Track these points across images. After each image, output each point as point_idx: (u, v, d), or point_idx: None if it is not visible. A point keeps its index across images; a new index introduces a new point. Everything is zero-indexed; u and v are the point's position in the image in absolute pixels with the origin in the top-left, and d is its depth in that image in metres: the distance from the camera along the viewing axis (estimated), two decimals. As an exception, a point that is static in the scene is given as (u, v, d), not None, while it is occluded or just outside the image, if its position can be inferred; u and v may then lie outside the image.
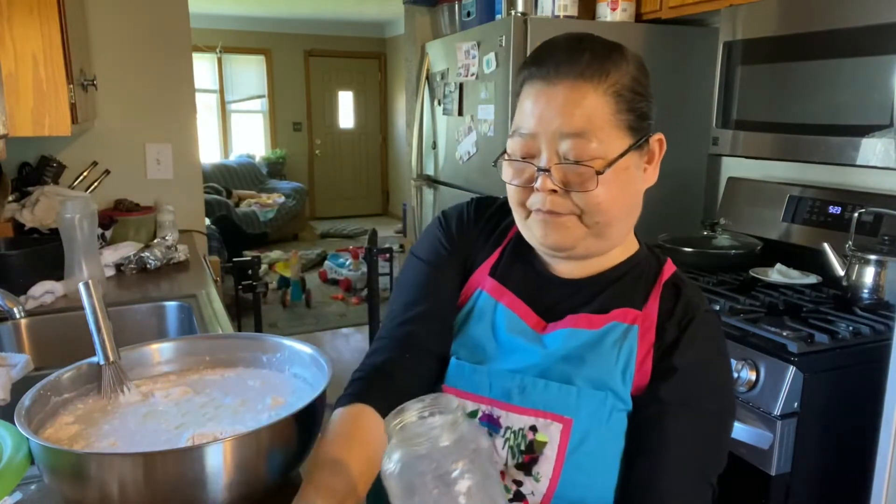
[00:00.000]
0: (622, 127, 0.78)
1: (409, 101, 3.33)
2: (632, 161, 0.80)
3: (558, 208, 0.79)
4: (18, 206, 2.04)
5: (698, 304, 0.84)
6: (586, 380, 0.81)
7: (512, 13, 2.25)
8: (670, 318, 0.82)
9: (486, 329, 0.88)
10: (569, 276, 0.87)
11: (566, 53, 0.78)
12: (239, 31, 7.92)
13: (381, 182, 9.21)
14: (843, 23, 1.58)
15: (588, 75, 0.76)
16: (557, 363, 0.83)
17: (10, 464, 0.75)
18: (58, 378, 0.94)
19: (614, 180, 0.77)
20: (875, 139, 1.52)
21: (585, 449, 0.80)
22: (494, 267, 0.91)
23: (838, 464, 1.50)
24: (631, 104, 0.78)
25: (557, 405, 0.81)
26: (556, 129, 0.76)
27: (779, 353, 1.44)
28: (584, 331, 0.83)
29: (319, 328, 4.64)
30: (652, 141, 0.83)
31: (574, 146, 0.76)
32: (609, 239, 0.83)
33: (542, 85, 0.78)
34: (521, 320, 0.87)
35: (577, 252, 0.83)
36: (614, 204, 0.79)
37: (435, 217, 0.99)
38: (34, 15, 1.51)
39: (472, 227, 0.95)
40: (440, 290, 0.92)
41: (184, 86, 2.59)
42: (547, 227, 0.80)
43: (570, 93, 0.76)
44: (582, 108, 0.75)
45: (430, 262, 0.94)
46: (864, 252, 1.67)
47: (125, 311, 1.70)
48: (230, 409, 0.94)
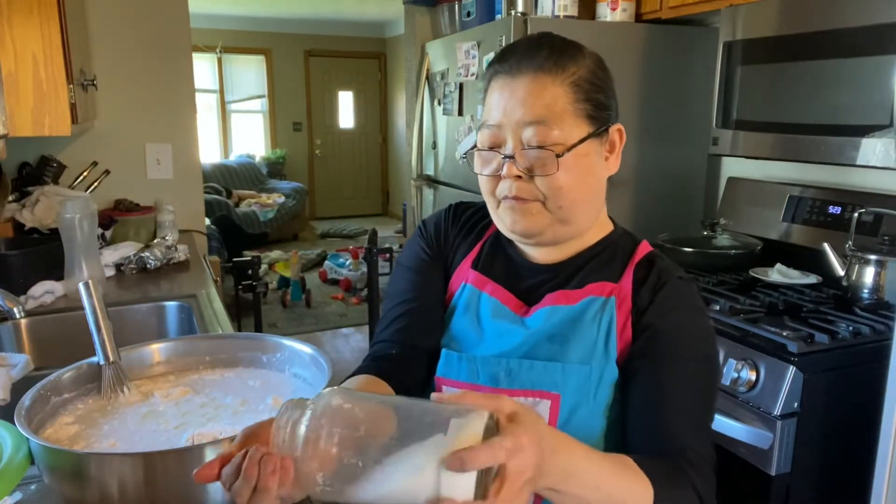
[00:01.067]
0: (581, 115, 0.83)
1: (409, 101, 3.32)
2: (591, 148, 0.84)
3: (523, 194, 0.83)
4: (18, 206, 2.04)
5: (672, 272, 0.88)
6: (571, 356, 0.85)
7: (512, 13, 2.25)
8: (643, 284, 0.86)
9: (472, 319, 0.92)
10: (546, 261, 0.91)
11: (526, 50, 0.84)
12: (239, 31, 7.92)
13: (381, 182, 9.21)
14: (843, 23, 1.58)
15: (547, 68, 0.82)
16: (542, 343, 0.86)
17: (10, 464, 0.75)
18: (58, 378, 0.94)
19: (575, 165, 0.82)
20: (875, 139, 1.52)
21: (575, 422, 0.83)
22: (476, 260, 0.96)
23: (838, 464, 1.50)
24: (589, 94, 0.83)
25: (544, 383, 0.85)
26: (520, 119, 0.82)
27: (779, 353, 1.44)
28: (563, 307, 0.87)
29: (319, 328, 4.64)
30: (612, 131, 0.87)
31: (536, 133, 0.81)
32: (574, 224, 0.87)
33: (505, 79, 0.84)
34: (504, 306, 0.91)
35: (545, 238, 0.87)
36: (575, 188, 0.83)
37: (416, 226, 1.04)
38: (34, 15, 1.51)
39: (451, 229, 1.00)
40: (425, 290, 0.97)
41: (184, 86, 2.59)
42: (515, 214, 0.85)
43: (531, 84, 0.82)
44: (542, 98, 0.81)
45: (413, 269, 0.99)
46: (864, 252, 1.67)
47: (125, 311, 1.70)
48: (230, 409, 0.94)
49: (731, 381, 1.48)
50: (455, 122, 2.63)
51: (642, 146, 2.29)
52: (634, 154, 2.29)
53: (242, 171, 7.77)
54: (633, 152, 2.32)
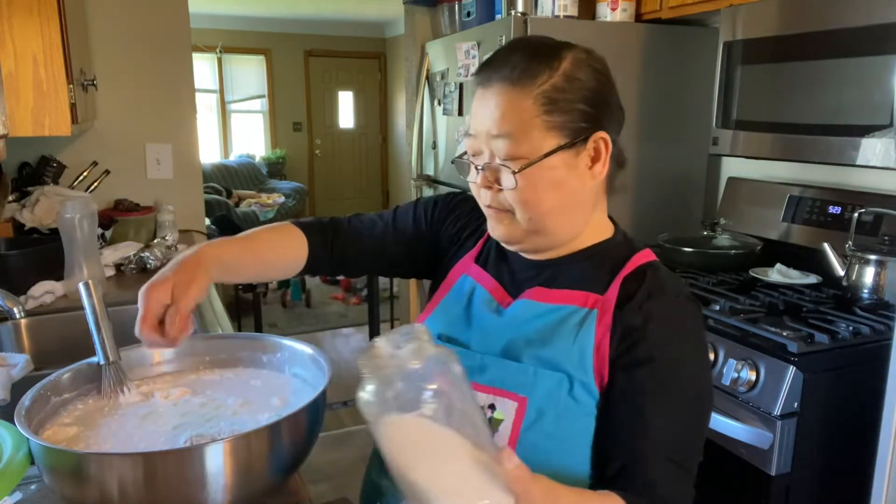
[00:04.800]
0: (550, 128, 0.81)
1: (409, 101, 3.32)
2: (561, 160, 0.82)
3: (495, 204, 0.86)
4: (18, 206, 2.04)
5: (665, 288, 0.84)
6: (544, 360, 0.84)
7: (512, 13, 2.24)
8: (630, 300, 0.83)
9: (461, 309, 0.95)
10: (536, 257, 0.92)
11: (500, 60, 0.83)
12: (239, 31, 7.91)
13: (381, 182, 9.20)
14: (843, 23, 1.58)
15: (514, 79, 0.81)
16: (520, 345, 0.86)
17: (10, 464, 0.75)
18: (58, 378, 0.95)
19: (540, 179, 0.81)
20: (875, 139, 1.52)
21: (540, 428, 0.82)
22: (479, 256, 0.98)
23: (838, 464, 1.50)
24: (562, 105, 0.81)
25: (513, 383, 0.85)
26: (489, 131, 0.83)
27: (779, 353, 1.44)
28: (539, 303, 0.87)
29: (319, 328, 4.64)
30: (594, 139, 0.84)
31: (502, 147, 0.81)
32: (552, 234, 0.87)
33: (480, 90, 0.84)
34: (492, 296, 0.93)
35: (525, 247, 0.89)
36: (542, 202, 0.82)
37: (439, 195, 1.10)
38: (34, 15, 1.51)
39: (446, 220, 1.05)
40: (400, 225, 1.05)
41: (184, 86, 2.59)
42: (492, 221, 0.89)
43: (498, 97, 0.82)
44: (508, 112, 0.81)
45: (390, 219, 1.06)
46: (864, 252, 1.67)
47: (125, 311, 1.69)
48: (230, 410, 0.95)
49: (731, 381, 1.48)
50: (455, 122, 2.63)
51: (642, 146, 2.29)
52: (634, 154, 2.29)
53: (242, 171, 7.76)
54: (633, 152, 2.30)
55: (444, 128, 2.77)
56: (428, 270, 1.06)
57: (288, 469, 0.86)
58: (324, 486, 2.56)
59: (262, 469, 0.81)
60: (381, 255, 1.06)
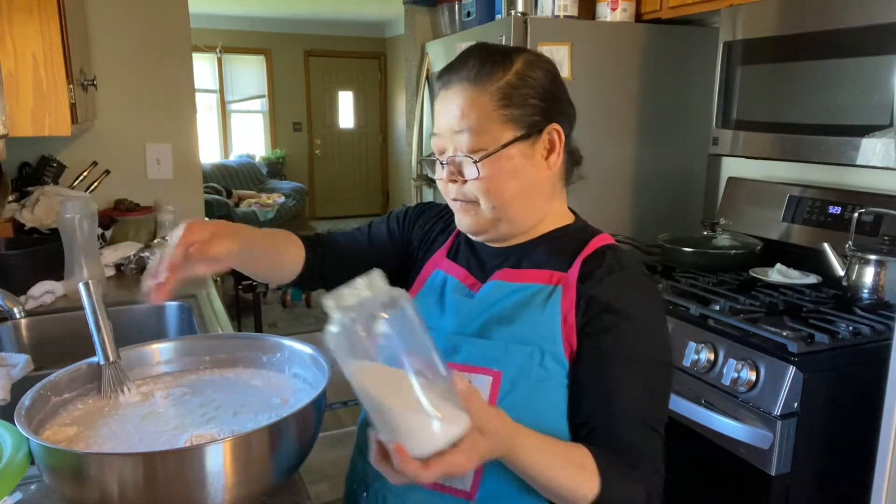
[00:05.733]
0: (506, 121, 0.88)
1: (409, 101, 3.32)
2: (518, 150, 0.89)
3: (460, 196, 0.92)
4: (18, 206, 2.04)
5: (625, 266, 0.90)
6: (515, 336, 0.89)
7: (512, 13, 2.24)
8: (591, 276, 0.89)
9: (435, 299, 0.99)
10: (501, 245, 0.97)
11: (458, 63, 0.91)
12: (239, 31, 7.91)
13: (381, 182, 9.20)
14: (843, 23, 1.58)
15: (472, 78, 0.88)
16: (492, 324, 0.92)
17: (10, 464, 0.75)
18: (58, 378, 0.95)
19: (499, 169, 0.88)
20: (875, 139, 1.52)
21: (515, 399, 0.87)
22: (450, 251, 1.04)
23: (838, 464, 1.50)
24: (516, 100, 0.88)
25: (486, 359, 0.90)
26: (451, 128, 0.89)
27: (779, 353, 1.44)
28: (505, 283, 0.93)
29: (319, 328, 4.57)
30: (548, 131, 0.90)
31: (463, 141, 0.88)
32: (516, 221, 0.93)
33: (442, 92, 0.92)
34: (462, 283, 0.98)
35: (491, 236, 0.95)
36: (503, 190, 0.89)
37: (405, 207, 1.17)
38: (34, 15, 1.51)
39: (414, 226, 1.11)
40: (373, 233, 1.12)
41: (184, 86, 2.58)
42: (459, 214, 0.95)
43: (457, 96, 0.89)
44: (468, 108, 0.88)
45: (365, 231, 1.13)
46: (864, 252, 1.67)
47: (125, 311, 1.70)
48: (230, 410, 0.95)
49: (731, 381, 1.48)
50: (455, 122, 2.62)
51: (642, 146, 2.29)
52: (634, 154, 2.29)
53: (242, 171, 7.76)
54: (633, 152, 2.32)
55: (444, 128, 2.76)
56: (404, 277, 1.10)
57: (288, 469, 0.86)
58: (324, 486, 2.55)
59: (261, 469, 0.81)
60: (361, 269, 1.07)
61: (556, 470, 0.78)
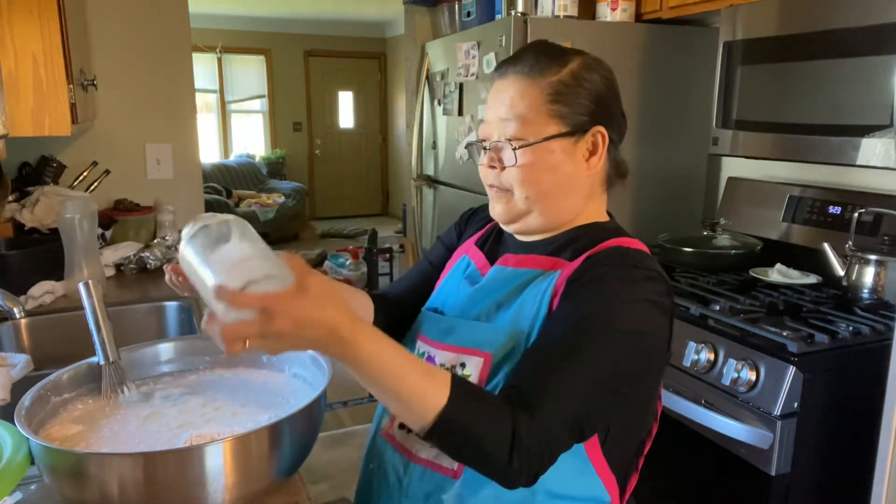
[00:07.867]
0: (553, 116, 0.89)
1: (409, 101, 3.32)
2: (560, 146, 0.90)
3: (496, 183, 0.94)
4: (18, 206, 2.04)
5: (621, 263, 0.85)
6: (509, 320, 0.90)
7: (512, 13, 2.24)
8: (584, 265, 0.88)
9: (455, 284, 1.02)
10: (528, 239, 0.99)
11: (516, 56, 0.94)
12: (239, 31, 7.91)
13: (381, 182, 9.20)
14: (843, 23, 1.58)
15: (526, 72, 0.90)
16: (490, 308, 0.93)
17: (10, 464, 0.75)
18: (58, 378, 0.95)
19: (538, 160, 0.89)
20: (875, 139, 1.52)
21: (500, 383, 0.86)
22: (480, 239, 1.06)
23: (838, 464, 1.50)
24: (566, 97, 0.89)
25: (478, 341, 0.91)
26: (500, 116, 0.92)
27: (779, 353, 1.44)
28: (507, 268, 0.96)
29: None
30: (592, 133, 0.91)
31: (508, 128, 0.90)
32: (547, 215, 0.93)
33: (497, 81, 0.94)
34: (477, 269, 1.01)
35: (520, 227, 0.96)
36: (537, 182, 0.90)
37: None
38: (34, 15, 1.51)
39: (465, 230, 1.14)
40: (432, 256, 1.15)
41: (184, 86, 2.58)
42: (493, 201, 0.96)
43: (510, 86, 0.91)
44: (518, 98, 0.90)
45: (426, 256, 1.16)
46: (864, 252, 1.67)
47: (125, 311, 1.70)
48: (230, 410, 0.95)
49: (731, 381, 1.48)
50: (455, 122, 2.63)
51: (642, 146, 2.29)
52: (634, 154, 2.29)
53: (242, 171, 7.76)
54: (633, 152, 2.31)
55: (444, 128, 2.77)
56: None
57: (288, 469, 0.86)
58: (324, 486, 2.56)
59: (261, 469, 0.81)
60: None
61: (401, 367, 0.72)
